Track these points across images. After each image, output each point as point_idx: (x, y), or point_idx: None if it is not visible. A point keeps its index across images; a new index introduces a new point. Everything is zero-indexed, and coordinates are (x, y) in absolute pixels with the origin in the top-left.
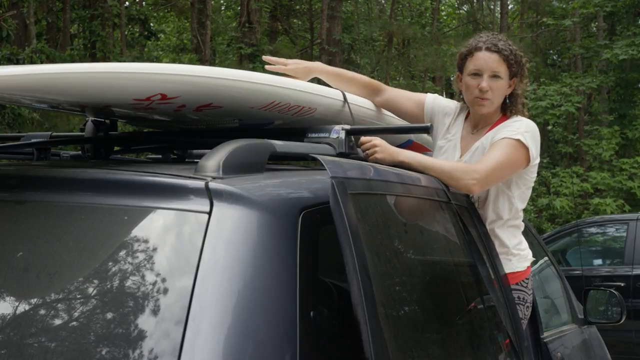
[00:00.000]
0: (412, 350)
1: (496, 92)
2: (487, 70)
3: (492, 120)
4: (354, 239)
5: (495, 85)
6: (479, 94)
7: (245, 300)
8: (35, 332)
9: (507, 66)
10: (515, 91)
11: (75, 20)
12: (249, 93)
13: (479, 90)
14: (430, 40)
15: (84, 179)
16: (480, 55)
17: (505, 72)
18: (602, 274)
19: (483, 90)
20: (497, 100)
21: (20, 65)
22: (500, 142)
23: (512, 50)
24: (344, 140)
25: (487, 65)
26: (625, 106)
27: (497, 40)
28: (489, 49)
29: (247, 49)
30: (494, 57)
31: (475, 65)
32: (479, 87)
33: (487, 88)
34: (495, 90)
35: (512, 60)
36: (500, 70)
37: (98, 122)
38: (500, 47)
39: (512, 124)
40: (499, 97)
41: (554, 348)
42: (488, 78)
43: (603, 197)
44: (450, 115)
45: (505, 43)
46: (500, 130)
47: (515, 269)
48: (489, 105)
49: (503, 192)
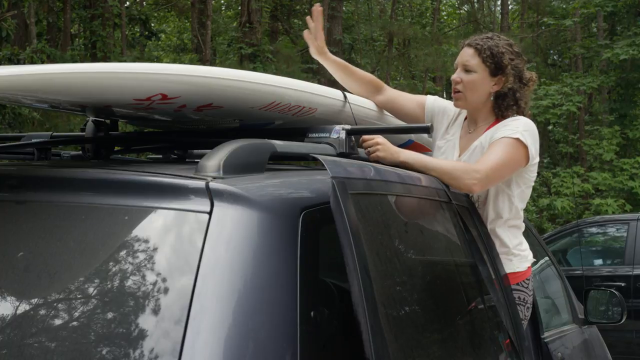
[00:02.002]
0: (412, 350)
1: (468, 86)
2: (459, 64)
3: (490, 120)
4: (355, 238)
5: (466, 78)
6: (453, 86)
7: (246, 300)
8: (35, 332)
9: (482, 60)
10: (502, 90)
11: (76, 20)
12: (250, 93)
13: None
14: (431, 40)
15: (84, 179)
16: (460, 52)
17: (478, 67)
18: (603, 274)
19: (453, 81)
20: (471, 95)
21: (21, 65)
22: (500, 142)
23: (489, 45)
24: (344, 140)
25: (460, 59)
26: (625, 106)
27: (482, 38)
28: (469, 44)
29: (248, 49)
30: (468, 51)
31: (455, 61)
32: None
33: (458, 80)
34: (466, 83)
35: (486, 55)
36: (471, 63)
37: (99, 122)
38: (477, 42)
39: (510, 122)
40: (474, 93)
41: (555, 348)
42: (460, 71)
43: (604, 198)
44: (449, 116)
45: (488, 40)
46: (499, 129)
47: (516, 269)
48: (461, 98)
49: (503, 191)
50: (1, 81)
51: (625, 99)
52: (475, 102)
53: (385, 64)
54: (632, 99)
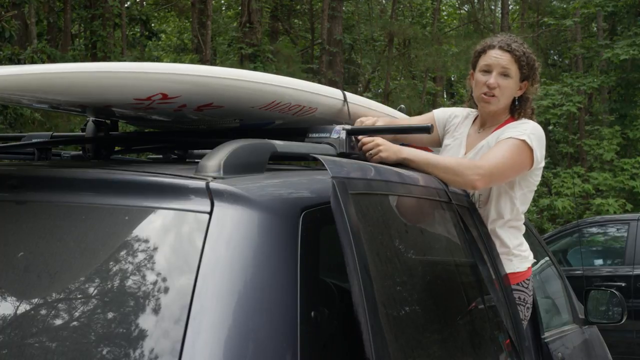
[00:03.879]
0: (412, 350)
1: (504, 91)
2: (496, 67)
3: (500, 120)
4: (355, 239)
5: (503, 83)
6: (486, 90)
7: (246, 300)
8: (36, 332)
9: (518, 67)
10: (526, 95)
11: (76, 20)
12: (250, 92)
13: (486, 87)
14: (431, 40)
15: (84, 179)
16: (492, 53)
17: (515, 73)
18: (603, 274)
19: (490, 86)
20: (504, 99)
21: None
22: (506, 141)
23: (525, 52)
24: (344, 140)
25: (497, 62)
26: (626, 106)
27: (511, 41)
28: (502, 47)
29: (248, 49)
30: (505, 55)
31: (486, 62)
32: (487, 84)
33: (495, 85)
34: (503, 89)
35: (524, 62)
36: (510, 69)
37: (99, 122)
38: (513, 47)
39: (519, 125)
40: (506, 97)
41: (555, 348)
42: (497, 75)
43: (605, 198)
44: (458, 117)
45: (520, 45)
46: (506, 130)
47: (516, 269)
48: (495, 102)
49: (506, 192)
50: (1, 81)
51: (625, 99)
52: (503, 105)
53: (385, 64)
54: (632, 99)
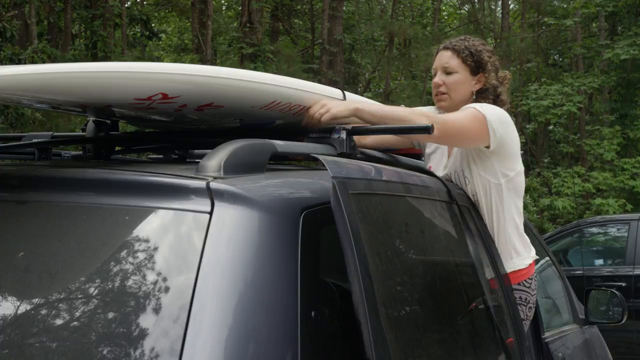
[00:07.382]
0: (413, 351)
1: (451, 86)
2: (438, 67)
3: None
4: (355, 239)
5: (448, 80)
6: (435, 91)
7: (247, 300)
8: (36, 332)
9: (462, 61)
10: (485, 86)
11: (77, 20)
12: (250, 92)
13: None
14: (432, 40)
15: (85, 179)
16: (436, 56)
17: (459, 67)
18: (604, 274)
19: (435, 85)
20: (455, 94)
21: (22, 65)
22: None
23: (467, 46)
24: (345, 140)
25: (438, 62)
26: (626, 106)
27: (457, 40)
28: (444, 47)
29: (249, 49)
30: (446, 53)
31: (433, 65)
32: (433, 84)
33: (440, 83)
34: (449, 84)
35: (466, 54)
36: (451, 65)
37: (99, 122)
38: (453, 44)
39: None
40: (458, 92)
41: (555, 348)
42: (440, 74)
43: (605, 197)
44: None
45: (463, 41)
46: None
47: (517, 267)
48: (446, 99)
49: (505, 190)
50: (1, 81)
51: (626, 99)
52: (458, 102)
53: (385, 64)
54: (632, 99)
